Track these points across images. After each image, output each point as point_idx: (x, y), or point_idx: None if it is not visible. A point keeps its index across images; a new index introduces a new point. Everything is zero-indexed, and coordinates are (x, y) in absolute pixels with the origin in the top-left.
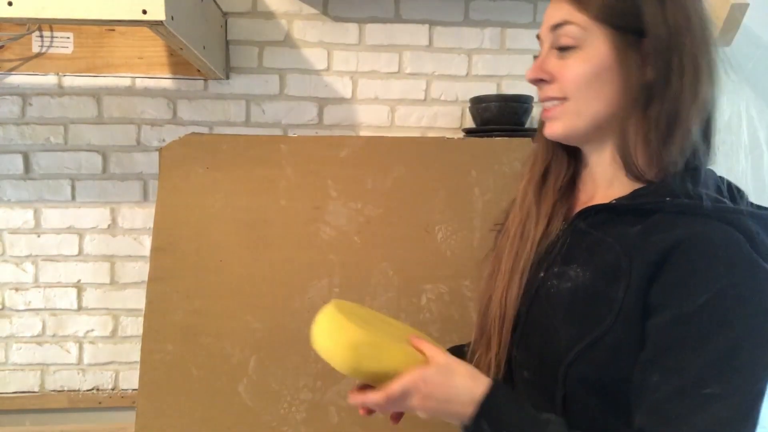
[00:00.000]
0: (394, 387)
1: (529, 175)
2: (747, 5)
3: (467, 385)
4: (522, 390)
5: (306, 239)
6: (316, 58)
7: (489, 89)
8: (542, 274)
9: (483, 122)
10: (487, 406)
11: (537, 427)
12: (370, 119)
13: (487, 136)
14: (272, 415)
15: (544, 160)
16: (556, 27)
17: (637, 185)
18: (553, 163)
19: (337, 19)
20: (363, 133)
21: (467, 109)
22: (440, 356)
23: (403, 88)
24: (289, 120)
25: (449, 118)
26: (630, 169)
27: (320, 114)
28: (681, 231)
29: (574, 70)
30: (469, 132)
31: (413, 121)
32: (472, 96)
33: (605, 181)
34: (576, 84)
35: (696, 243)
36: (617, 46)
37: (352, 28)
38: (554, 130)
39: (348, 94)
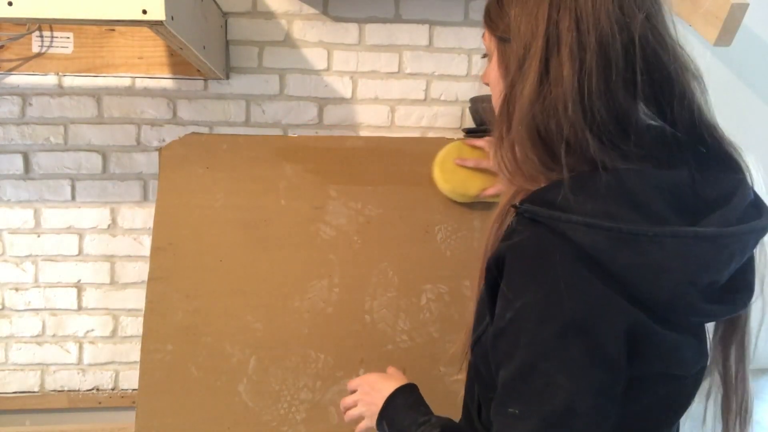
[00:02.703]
0: (352, 382)
1: None
2: (747, 5)
3: (390, 385)
4: (467, 373)
5: (306, 239)
6: (316, 58)
7: (489, 89)
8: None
9: (483, 122)
10: (387, 406)
11: (413, 427)
12: (370, 119)
13: (487, 136)
14: (272, 415)
15: None
16: (483, 36)
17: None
18: None
19: (337, 19)
20: (363, 133)
21: (467, 109)
22: (390, 369)
23: (403, 88)
24: (289, 120)
25: (449, 118)
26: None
27: (320, 114)
28: (512, 240)
29: (487, 78)
30: (469, 132)
31: (413, 121)
32: (472, 96)
33: None
34: (491, 92)
35: (515, 254)
36: (500, 54)
37: (352, 28)
38: None
39: (348, 94)
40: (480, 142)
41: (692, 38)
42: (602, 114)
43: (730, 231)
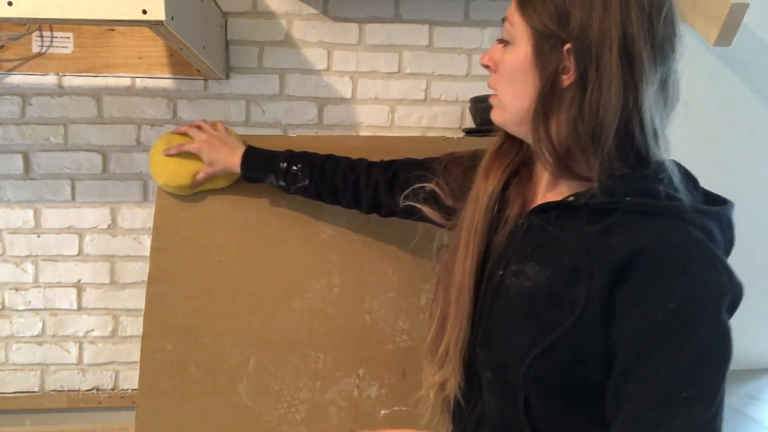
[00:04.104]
0: None
1: (488, 152)
2: (747, 5)
3: None
4: (486, 391)
5: (306, 239)
6: (316, 58)
7: (489, 89)
8: (501, 272)
9: (483, 122)
10: None
11: None
12: (370, 119)
13: (487, 136)
14: (272, 415)
15: (500, 137)
16: (503, 20)
17: (587, 185)
18: (506, 142)
19: (337, 19)
20: (363, 133)
21: (467, 109)
22: None
23: (403, 88)
24: (289, 120)
25: (449, 118)
26: (565, 169)
27: (320, 114)
28: (643, 234)
29: (503, 64)
30: (469, 132)
31: (413, 121)
32: (472, 96)
33: (547, 178)
34: (502, 78)
35: (659, 248)
36: (538, 49)
37: (352, 28)
38: (493, 117)
39: (348, 94)
40: (184, 129)
41: (692, 38)
42: (660, 119)
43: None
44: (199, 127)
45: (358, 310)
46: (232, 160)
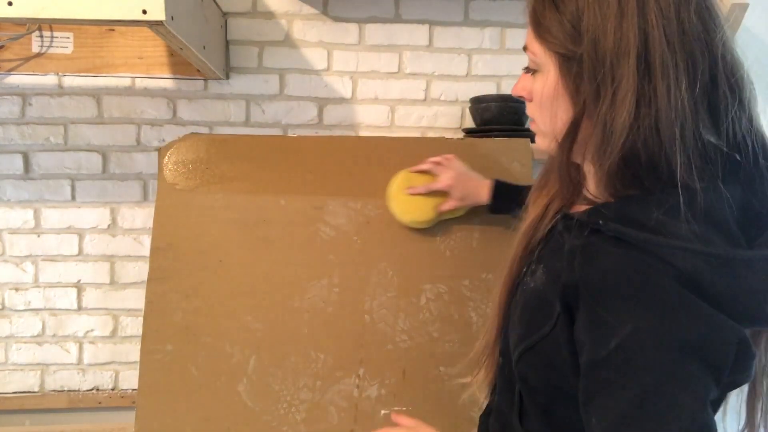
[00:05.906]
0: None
1: (536, 178)
2: (747, 5)
3: None
4: (498, 380)
5: (306, 239)
6: (316, 58)
7: (489, 89)
8: (525, 269)
9: (483, 122)
10: None
11: None
12: (370, 119)
13: (487, 136)
14: (272, 415)
15: (547, 163)
16: (525, 49)
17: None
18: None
19: (337, 19)
20: (363, 133)
21: (467, 109)
22: (409, 421)
23: (403, 88)
24: (289, 120)
25: (449, 118)
26: (581, 188)
27: (320, 114)
28: (600, 262)
29: (535, 92)
30: (469, 132)
31: (413, 121)
32: (472, 96)
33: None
34: (536, 106)
35: (612, 279)
36: (563, 72)
37: (352, 28)
38: (537, 144)
39: (348, 94)
40: (425, 166)
41: None
42: (690, 135)
43: None
44: (437, 163)
45: (358, 310)
46: (482, 193)
